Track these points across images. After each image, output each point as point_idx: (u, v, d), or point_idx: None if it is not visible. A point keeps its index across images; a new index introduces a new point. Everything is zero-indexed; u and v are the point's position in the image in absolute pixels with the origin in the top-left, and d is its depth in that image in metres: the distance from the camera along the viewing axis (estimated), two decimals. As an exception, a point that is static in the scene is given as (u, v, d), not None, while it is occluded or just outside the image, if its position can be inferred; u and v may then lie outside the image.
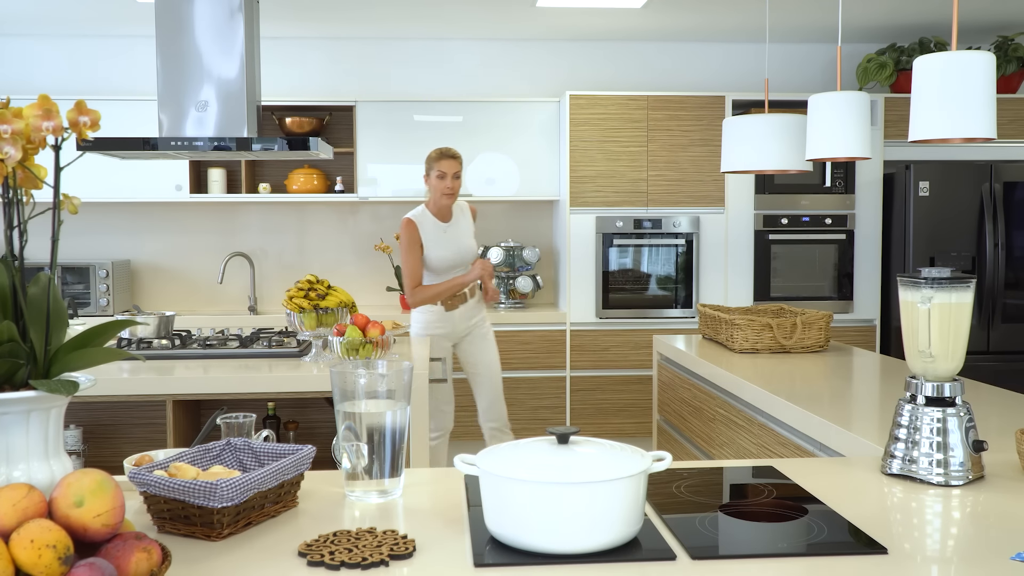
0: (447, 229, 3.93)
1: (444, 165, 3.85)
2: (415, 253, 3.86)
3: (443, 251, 3.89)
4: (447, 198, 3.89)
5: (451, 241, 3.93)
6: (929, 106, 2.20)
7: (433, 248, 3.89)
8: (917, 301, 1.63)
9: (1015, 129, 5.30)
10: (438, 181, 3.86)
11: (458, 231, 3.96)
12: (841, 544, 1.29)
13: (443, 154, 3.87)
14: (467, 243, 3.98)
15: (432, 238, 3.90)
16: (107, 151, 3.33)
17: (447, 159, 3.86)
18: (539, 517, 1.23)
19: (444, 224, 3.93)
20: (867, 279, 5.28)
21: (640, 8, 4.81)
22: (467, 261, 3.96)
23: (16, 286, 1.20)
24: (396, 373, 1.52)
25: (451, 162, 3.86)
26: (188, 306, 5.52)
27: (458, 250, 3.93)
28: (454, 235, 3.94)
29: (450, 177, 3.86)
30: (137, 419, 3.18)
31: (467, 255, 3.96)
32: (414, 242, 3.86)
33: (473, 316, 4.04)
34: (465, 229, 4.00)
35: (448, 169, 3.85)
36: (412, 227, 3.86)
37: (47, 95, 1.21)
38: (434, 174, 3.87)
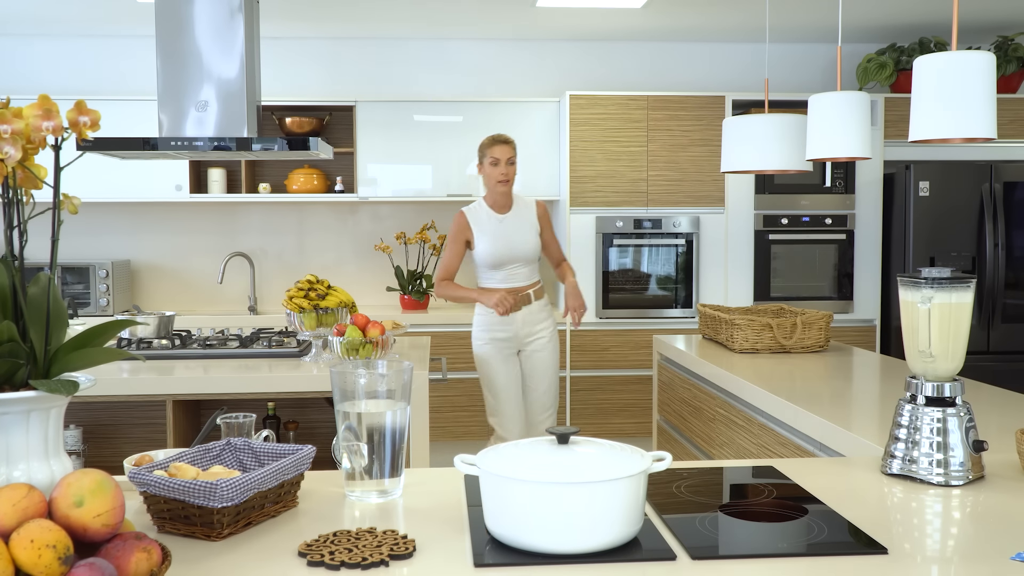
0: (503, 220, 3.73)
1: (497, 151, 3.67)
2: (452, 246, 3.75)
3: (493, 243, 3.70)
4: (502, 185, 3.69)
5: (505, 233, 3.71)
6: (929, 106, 2.20)
7: (482, 239, 3.71)
8: (917, 301, 1.63)
9: (1015, 129, 5.30)
10: (491, 168, 3.68)
11: (515, 224, 3.74)
12: (841, 544, 1.29)
13: (495, 140, 3.70)
14: (523, 238, 3.74)
15: (484, 228, 3.72)
16: (107, 151, 3.33)
17: (499, 144, 3.68)
18: (539, 517, 1.23)
19: (500, 215, 3.74)
20: (867, 279, 5.28)
21: (640, 8, 4.81)
22: (522, 258, 3.73)
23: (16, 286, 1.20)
24: (396, 373, 1.52)
25: (504, 147, 3.68)
26: (188, 306, 5.52)
27: (510, 244, 3.70)
28: (510, 228, 3.73)
29: (503, 163, 3.66)
30: (137, 419, 3.18)
31: (521, 251, 3.72)
32: (454, 234, 3.74)
33: (538, 322, 3.80)
34: (525, 224, 3.76)
35: (501, 155, 3.66)
36: (459, 218, 3.75)
37: (47, 95, 1.21)
38: (487, 161, 3.69)
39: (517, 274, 3.76)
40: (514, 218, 3.75)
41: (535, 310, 3.80)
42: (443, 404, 5.07)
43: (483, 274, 3.78)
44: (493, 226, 3.72)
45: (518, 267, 3.74)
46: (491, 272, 3.74)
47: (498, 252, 3.70)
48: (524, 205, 3.80)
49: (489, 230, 3.71)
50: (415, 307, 5.30)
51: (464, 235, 3.74)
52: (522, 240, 3.73)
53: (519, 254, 3.72)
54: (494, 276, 3.75)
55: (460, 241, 3.74)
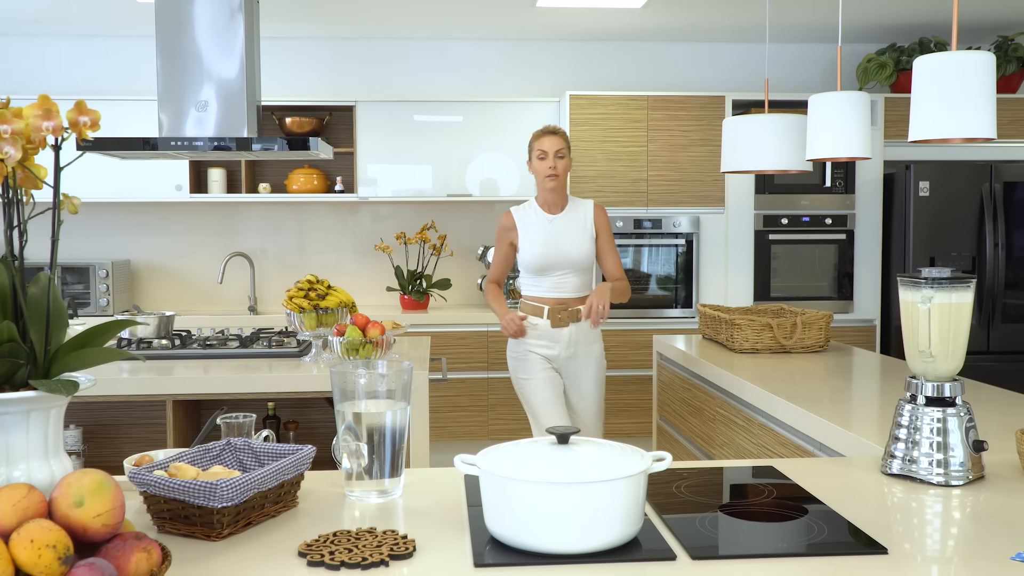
0: (553, 221, 3.36)
1: (545, 143, 3.32)
2: (497, 250, 3.47)
3: (538, 245, 3.32)
4: (551, 180, 3.31)
5: (553, 235, 3.33)
6: (929, 106, 2.20)
7: (527, 240, 3.36)
8: (917, 301, 1.63)
9: (1015, 129, 5.30)
10: (539, 162, 3.33)
11: (567, 226, 3.35)
12: (841, 544, 1.29)
13: (543, 131, 3.35)
14: (574, 242, 3.33)
15: (531, 229, 3.36)
16: (107, 151, 3.33)
17: (547, 136, 3.33)
18: (539, 517, 1.23)
19: (550, 215, 3.37)
20: (867, 279, 5.28)
21: (640, 8, 4.81)
22: (572, 264, 3.33)
23: (16, 286, 1.20)
24: (396, 373, 1.52)
25: (552, 139, 3.32)
26: (188, 306, 5.52)
27: (558, 247, 3.32)
28: (560, 229, 3.34)
29: (552, 156, 3.31)
30: (137, 419, 3.18)
31: (571, 255, 3.32)
32: (498, 236, 3.45)
33: (589, 342, 3.41)
34: (578, 226, 3.36)
35: (549, 147, 3.31)
36: (503, 218, 3.43)
37: (47, 95, 1.21)
38: (535, 155, 3.35)
39: (566, 283, 3.35)
40: (566, 219, 3.37)
41: (587, 329, 3.38)
42: (443, 404, 5.07)
43: (528, 281, 3.41)
44: (541, 227, 3.36)
45: (567, 275, 3.35)
46: (536, 279, 3.37)
47: (544, 255, 3.32)
48: (580, 206, 3.42)
49: (536, 231, 3.36)
50: (415, 307, 5.30)
51: (508, 237, 3.42)
52: (573, 244, 3.33)
53: (568, 259, 3.33)
54: (539, 284, 3.37)
55: (504, 244, 3.44)
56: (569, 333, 3.35)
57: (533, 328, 3.36)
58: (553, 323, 3.34)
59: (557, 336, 3.35)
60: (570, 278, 3.34)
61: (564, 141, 3.34)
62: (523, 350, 3.39)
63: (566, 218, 3.37)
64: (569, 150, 3.35)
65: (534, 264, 3.33)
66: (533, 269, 3.34)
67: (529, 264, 3.34)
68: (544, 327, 3.35)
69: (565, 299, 3.35)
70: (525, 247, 3.36)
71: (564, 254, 3.32)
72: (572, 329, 3.35)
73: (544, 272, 3.33)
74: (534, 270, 3.34)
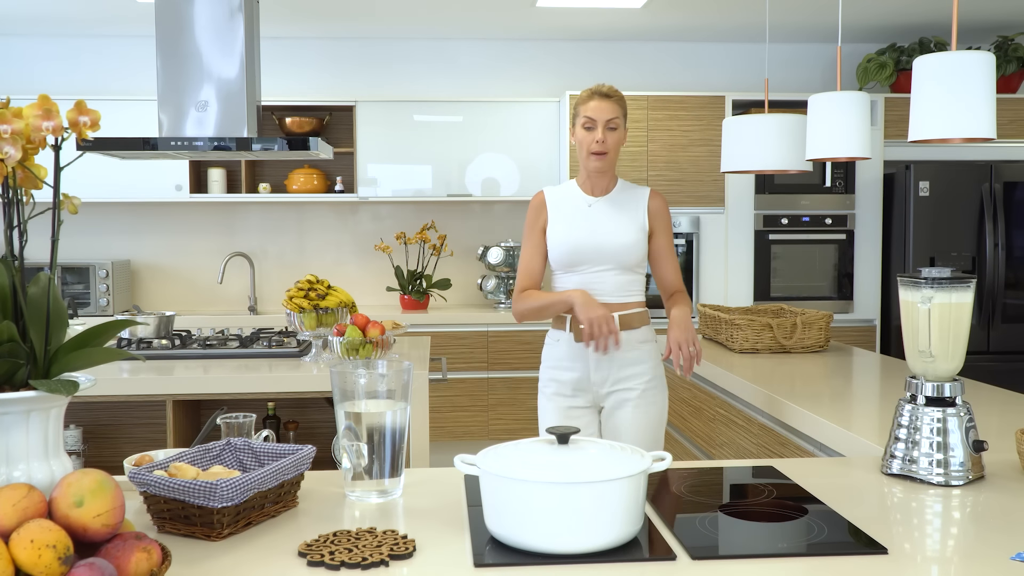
0: (594, 204, 2.59)
1: (593, 108, 2.53)
2: (528, 239, 2.64)
3: (570, 233, 2.56)
4: (597, 159, 2.53)
5: (590, 220, 2.57)
6: (929, 106, 2.20)
7: (558, 223, 2.59)
8: (917, 301, 1.63)
9: (1015, 129, 5.29)
10: (584, 133, 2.54)
11: (610, 211, 2.58)
12: (841, 544, 1.29)
13: (593, 92, 2.56)
14: (616, 230, 2.55)
15: (564, 210, 2.61)
16: (107, 151, 3.33)
17: (597, 98, 2.54)
18: (539, 517, 1.23)
19: (591, 198, 2.61)
20: (867, 279, 5.28)
21: (640, 8, 4.81)
22: (610, 258, 2.54)
23: (16, 286, 1.20)
24: (396, 373, 1.52)
25: (604, 104, 2.53)
26: (188, 306, 5.52)
27: (594, 237, 2.53)
28: (600, 215, 2.57)
29: (601, 127, 2.52)
30: (137, 419, 3.18)
31: (612, 246, 2.53)
32: (529, 222, 2.65)
33: (629, 363, 2.53)
34: (626, 215, 2.58)
35: (599, 115, 2.52)
36: (535, 199, 2.66)
37: (47, 95, 1.21)
38: (579, 122, 2.56)
39: (603, 282, 2.55)
40: (612, 204, 2.60)
41: (625, 344, 2.52)
42: (443, 404, 5.07)
43: (557, 280, 2.64)
44: (579, 210, 2.60)
45: (605, 271, 2.55)
46: (565, 276, 2.60)
47: (575, 242, 2.55)
48: (632, 192, 2.64)
49: (569, 216, 2.60)
50: (415, 307, 5.30)
51: (539, 220, 2.63)
52: (617, 231, 2.55)
53: (608, 249, 2.54)
54: (568, 282, 2.59)
55: (536, 230, 2.63)
56: (599, 353, 2.50)
57: (555, 344, 2.61)
58: (576, 336, 2.52)
59: (582, 353, 2.53)
60: (609, 276, 2.55)
61: (619, 108, 2.55)
62: (543, 376, 2.64)
63: (611, 203, 2.60)
64: (625, 119, 2.59)
65: (563, 254, 2.56)
66: (562, 262, 2.57)
67: (557, 255, 2.57)
68: (567, 341, 2.56)
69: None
70: (555, 232, 2.59)
71: (602, 242, 2.54)
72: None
73: (575, 267, 2.56)
74: (563, 264, 2.57)
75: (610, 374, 2.52)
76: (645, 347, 2.56)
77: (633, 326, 2.55)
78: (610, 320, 2.41)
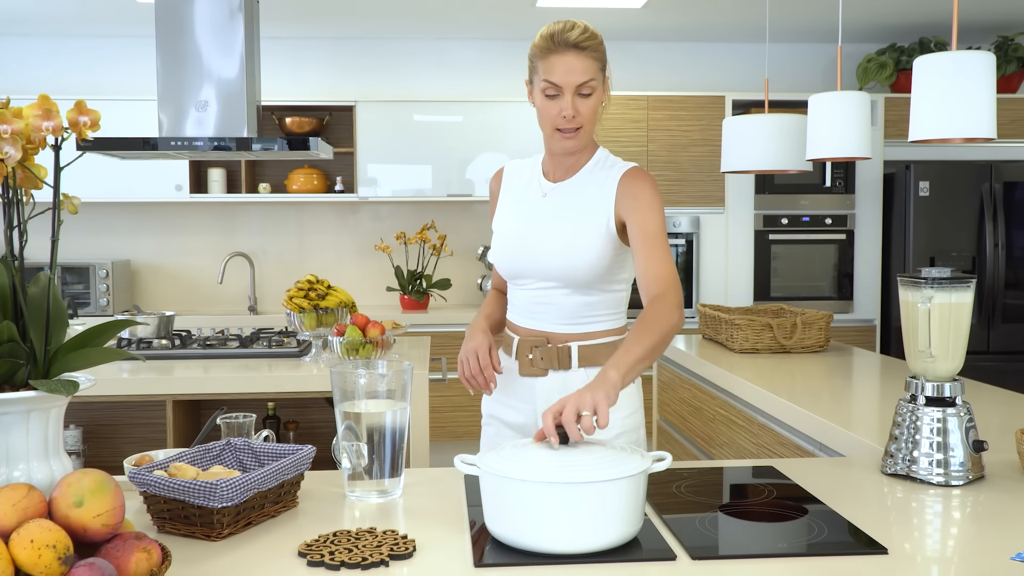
0: (549, 194, 1.91)
1: (556, 67, 1.76)
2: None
3: (507, 238, 1.92)
4: (565, 138, 1.84)
5: (537, 224, 1.89)
6: (929, 106, 2.20)
7: (498, 224, 1.97)
8: (917, 301, 1.63)
9: (1015, 129, 5.29)
10: (546, 102, 1.81)
11: (567, 208, 1.88)
12: (841, 544, 1.29)
13: (554, 41, 1.77)
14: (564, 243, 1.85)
15: (512, 205, 1.96)
16: (107, 151, 3.33)
17: (562, 52, 1.76)
18: (539, 517, 1.23)
19: (548, 185, 1.93)
20: (867, 279, 5.28)
21: (640, 8, 4.81)
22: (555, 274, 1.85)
23: (16, 286, 1.20)
24: (396, 373, 1.51)
25: (573, 60, 1.76)
26: (188, 306, 5.52)
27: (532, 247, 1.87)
28: (553, 214, 1.88)
29: (570, 95, 1.78)
30: (137, 419, 3.17)
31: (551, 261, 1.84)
32: (491, 208, 2.06)
33: None
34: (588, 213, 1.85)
35: (566, 77, 1.77)
36: (494, 180, 2.06)
37: (47, 95, 1.21)
38: (538, 84, 1.81)
39: (548, 304, 1.88)
40: (570, 196, 1.89)
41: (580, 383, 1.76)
42: (443, 404, 5.07)
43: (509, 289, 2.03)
44: (529, 201, 1.93)
45: (549, 290, 1.87)
46: (511, 291, 1.99)
47: (508, 251, 1.91)
48: (605, 173, 1.89)
49: (517, 206, 1.95)
50: (415, 307, 5.30)
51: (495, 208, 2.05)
52: (559, 239, 1.85)
53: (545, 265, 1.86)
54: (513, 300, 1.98)
55: None
56: (547, 386, 1.87)
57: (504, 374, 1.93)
58: (521, 368, 1.91)
59: (528, 392, 1.90)
60: (556, 297, 1.86)
61: (596, 61, 1.80)
62: (484, 407, 2.04)
63: (572, 193, 1.89)
64: (605, 71, 1.86)
65: (498, 263, 1.95)
66: (502, 268, 1.95)
67: (497, 263, 1.96)
68: (512, 371, 1.93)
69: (545, 332, 1.89)
70: (497, 229, 1.97)
71: (539, 254, 1.86)
72: (559, 381, 1.86)
73: (515, 280, 1.94)
74: (504, 273, 1.96)
75: None
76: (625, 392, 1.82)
77: (597, 363, 1.83)
78: (482, 354, 1.81)
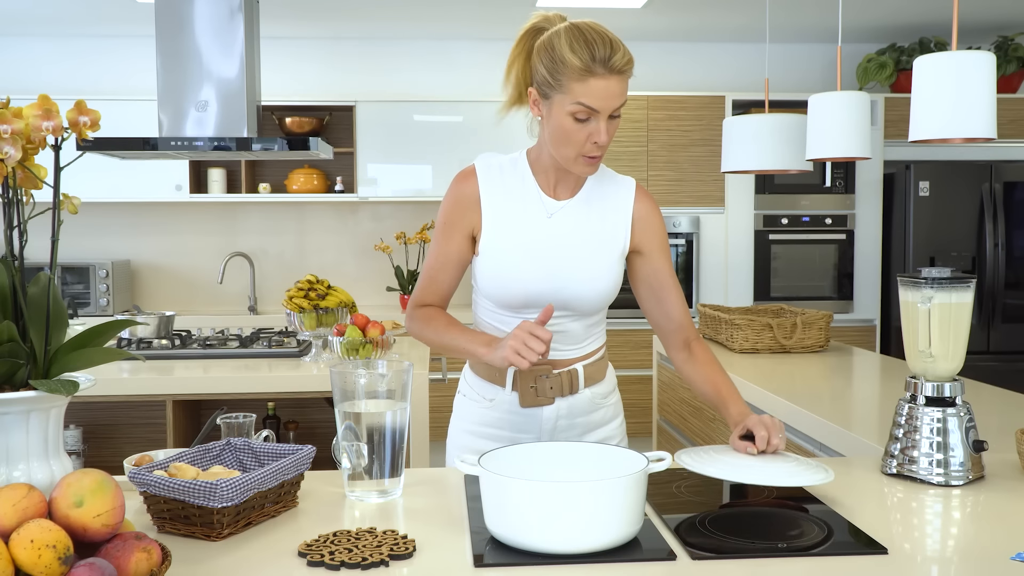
0: (556, 215, 1.73)
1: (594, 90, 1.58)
2: (446, 239, 1.77)
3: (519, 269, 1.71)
4: (586, 162, 1.67)
5: (554, 251, 1.71)
6: (929, 106, 2.20)
7: (495, 240, 1.73)
8: (917, 301, 1.63)
9: (1015, 129, 5.29)
10: (574, 124, 1.61)
11: (583, 231, 1.73)
12: (841, 544, 1.29)
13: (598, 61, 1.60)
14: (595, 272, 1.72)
15: (511, 226, 1.73)
16: (107, 151, 3.33)
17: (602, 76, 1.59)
18: (539, 517, 1.23)
19: (553, 203, 1.74)
20: (867, 279, 5.28)
21: (640, 8, 4.80)
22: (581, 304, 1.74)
23: (16, 286, 1.20)
24: (396, 373, 1.51)
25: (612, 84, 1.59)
26: (188, 306, 5.51)
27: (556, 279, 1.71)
28: (569, 239, 1.72)
29: (604, 119, 1.61)
30: (137, 419, 3.17)
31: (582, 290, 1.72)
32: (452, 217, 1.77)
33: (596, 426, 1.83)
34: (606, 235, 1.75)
35: (603, 103, 1.59)
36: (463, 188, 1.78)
37: (47, 95, 1.21)
38: (565, 105, 1.60)
39: (560, 332, 1.75)
40: (582, 215, 1.74)
41: (585, 404, 1.80)
42: (443, 404, 5.06)
43: (484, 310, 1.82)
44: (533, 223, 1.73)
45: (561, 319, 1.74)
46: (500, 313, 1.78)
47: (525, 285, 1.71)
48: (611, 187, 1.80)
49: (518, 228, 1.72)
50: (415, 307, 5.29)
51: (465, 221, 1.76)
52: (589, 269, 1.72)
53: (575, 294, 1.72)
54: (503, 328, 1.77)
55: (457, 230, 1.76)
56: (554, 413, 1.77)
57: (484, 404, 1.82)
58: (523, 399, 1.77)
59: (530, 421, 1.78)
60: (565, 324, 1.75)
61: (627, 83, 1.65)
62: (454, 440, 1.87)
63: (583, 213, 1.74)
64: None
65: (505, 296, 1.73)
66: (501, 304, 1.75)
67: (495, 294, 1.74)
68: (507, 403, 1.79)
69: (552, 360, 1.76)
70: (492, 260, 1.73)
71: (553, 286, 1.70)
72: (554, 409, 1.77)
73: (520, 310, 1.74)
74: (503, 305, 1.75)
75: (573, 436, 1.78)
76: (612, 398, 1.86)
77: (597, 379, 1.82)
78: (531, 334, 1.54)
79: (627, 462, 1.35)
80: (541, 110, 1.67)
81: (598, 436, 1.82)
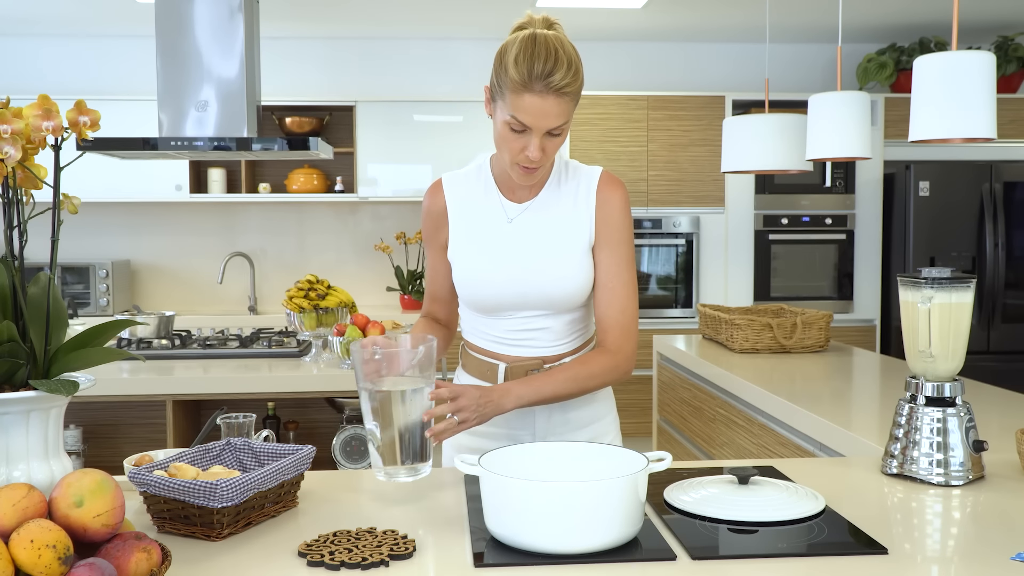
0: (516, 219, 1.75)
1: (527, 105, 1.57)
2: (430, 255, 1.85)
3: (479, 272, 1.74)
4: (521, 172, 1.66)
5: (514, 254, 1.73)
6: (929, 106, 2.20)
7: (462, 248, 1.77)
8: (917, 301, 1.63)
9: (1015, 129, 5.29)
10: (509, 133, 1.62)
11: (544, 233, 1.73)
12: (841, 544, 1.29)
13: (532, 77, 1.58)
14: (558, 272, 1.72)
15: (473, 234, 1.77)
16: (107, 151, 3.33)
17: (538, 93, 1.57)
18: (539, 517, 1.23)
19: (513, 206, 1.76)
20: (867, 279, 5.28)
21: (640, 8, 4.81)
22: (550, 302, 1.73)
23: (16, 286, 1.20)
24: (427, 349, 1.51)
25: (547, 105, 1.57)
26: (188, 306, 5.52)
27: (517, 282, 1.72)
28: (530, 241, 1.73)
29: (538, 136, 1.60)
30: (137, 419, 3.17)
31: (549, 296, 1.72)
32: (429, 234, 1.83)
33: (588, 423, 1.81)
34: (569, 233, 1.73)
35: (536, 121, 1.58)
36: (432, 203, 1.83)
37: (47, 95, 1.21)
38: (503, 112, 1.62)
39: (536, 330, 1.76)
40: (542, 217, 1.74)
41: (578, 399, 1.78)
42: (443, 404, 5.06)
43: (466, 313, 1.85)
44: (493, 229, 1.75)
45: (536, 317, 1.75)
46: (480, 319, 1.80)
47: (488, 288, 1.74)
48: (574, 183, 1.76)
49: (479, 235, 1.76)
50: (415, 307, 5.29)
51: (439, 236, 1.81)
52: (550, 269, 1.72)
53: (537, 297, 1.73)
54: (489, 328, 1.79)
55: (435, 246, 1.83)
56: (549, 408, 1.77)
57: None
58: None
59: (524, 418, 1.78)
60: (545, 322, 1.75)
61: (573, 100, 1.62)
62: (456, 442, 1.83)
63: (543, 215, 1.74)
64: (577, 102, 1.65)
65: (475, 301, 1.77)
66: (477, 308, 1.79)
67: (468, 300, 1.79)
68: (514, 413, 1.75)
69: (540, 356, 1.76)
70: (460, 267, 1.77)
71: (519, 289, 1.72)
72: (544, 414, 1.78)
73: (495, 313, 1.77)
74: (479, 310, 1.79)
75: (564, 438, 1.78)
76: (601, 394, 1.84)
77: None
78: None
79: (627, 462, 1.35)
80: (491, 110, 1.70)
81: (592, 432, 1.83)
